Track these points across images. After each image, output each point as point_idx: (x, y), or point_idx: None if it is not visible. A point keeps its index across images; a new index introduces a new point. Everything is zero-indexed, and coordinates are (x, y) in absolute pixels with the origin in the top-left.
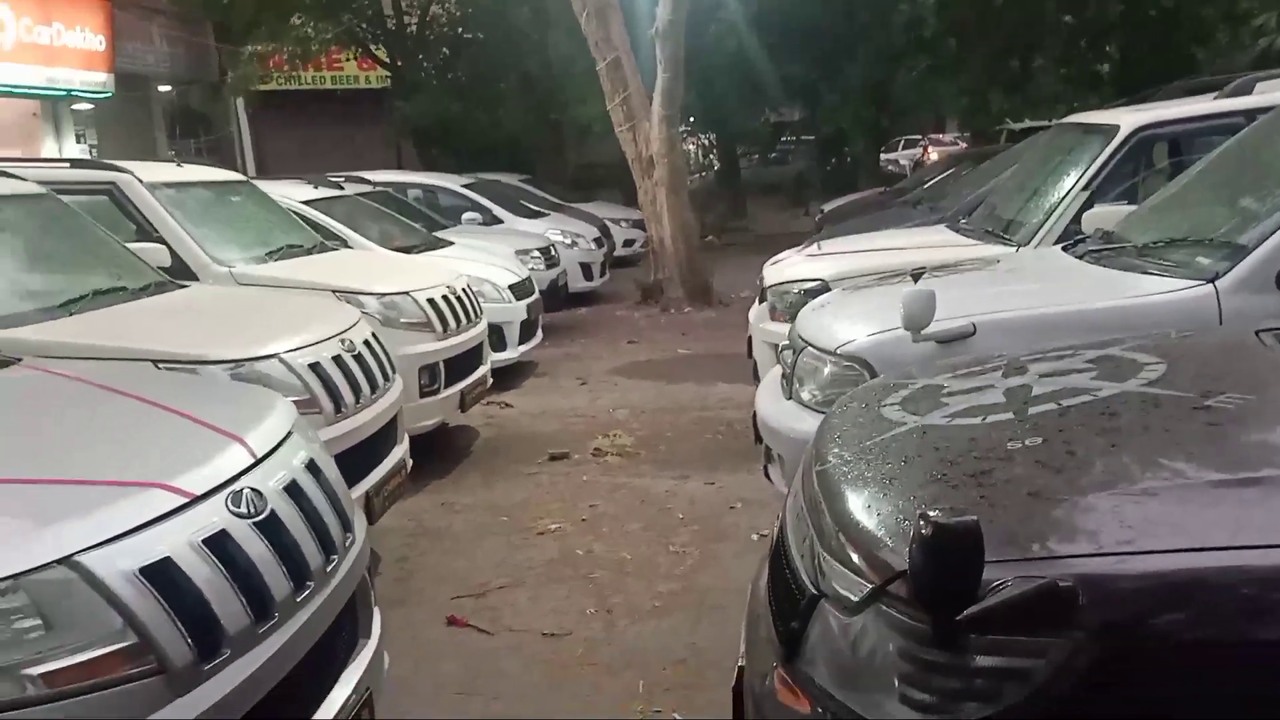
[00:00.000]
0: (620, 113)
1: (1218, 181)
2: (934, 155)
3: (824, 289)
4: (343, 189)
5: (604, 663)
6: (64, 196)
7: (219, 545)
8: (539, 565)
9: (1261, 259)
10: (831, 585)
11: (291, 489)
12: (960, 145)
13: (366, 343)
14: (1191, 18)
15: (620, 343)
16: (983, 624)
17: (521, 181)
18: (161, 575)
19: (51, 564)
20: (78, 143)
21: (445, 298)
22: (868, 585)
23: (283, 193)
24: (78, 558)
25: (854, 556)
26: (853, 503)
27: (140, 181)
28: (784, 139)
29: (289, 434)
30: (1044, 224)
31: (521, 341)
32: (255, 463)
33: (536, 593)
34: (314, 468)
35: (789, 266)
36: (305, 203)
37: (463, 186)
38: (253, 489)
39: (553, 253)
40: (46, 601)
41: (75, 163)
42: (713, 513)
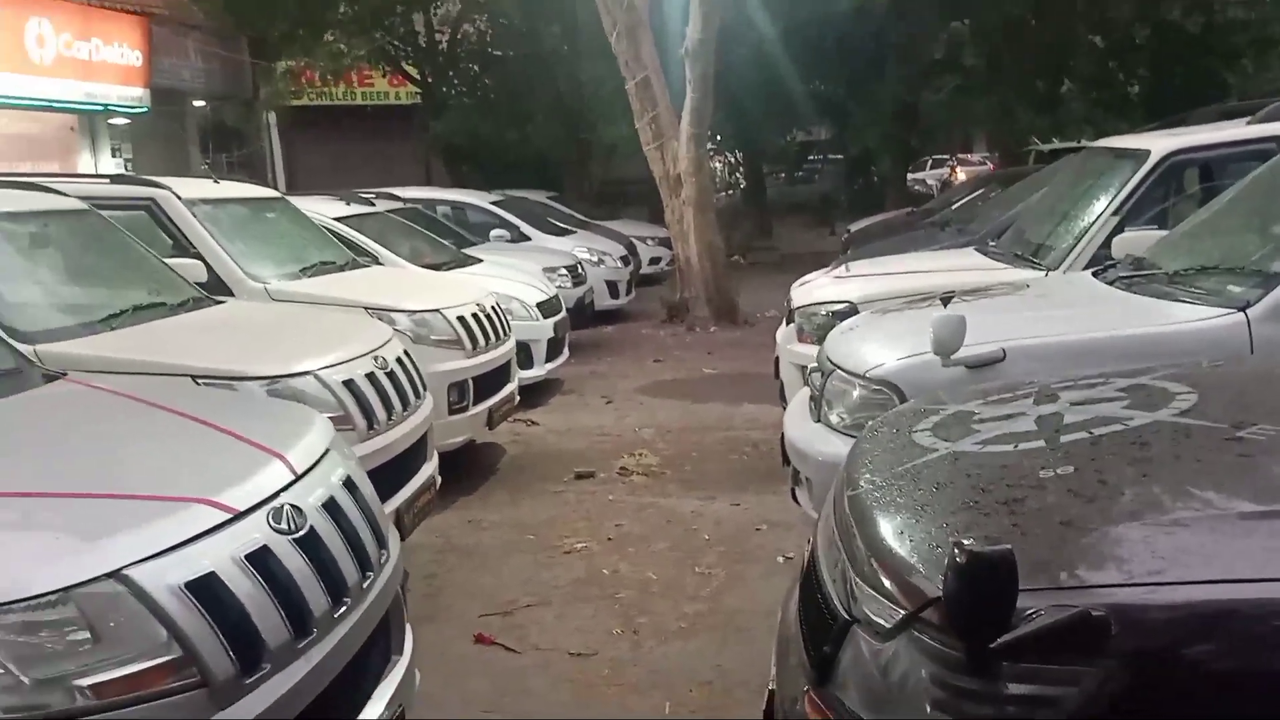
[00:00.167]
0: (649, 131)
1: (1249, 209)
2: (961, 175)
3: (852, 311)
4: (374, 205)
5: (631, 683)
6: (104, 211)
7: (260, 561)
8: (565, 584)
9: None
10: (864, 610)
11: (330, 506)
12: (988, 165)
13: (399, 360)
14: (1221, 43)
15: (646, 361)
16: (1016, 652)
17: (549, 199)
18: (205, 590)
19: (101, 577)
20: (113, 156)
21: (475, 315)
22: (900, 611)
23: (315, 209)
24: (126, 571)
25: (886, 582)
26: (885, 528)
27: (178, 198)
28: (811, 158)
29: (327, 451)
30: (1074, 248)
31: (548, 359)
32: (295, 479)
33: (563, 611)
34: (351, 485)
35: (817, 288)
36: (337, 219)
37: (491, 203)
38: (293, 505)
39: (580, 270)
40: (95, 614)
41: (115, 178)
42: (739, 534)
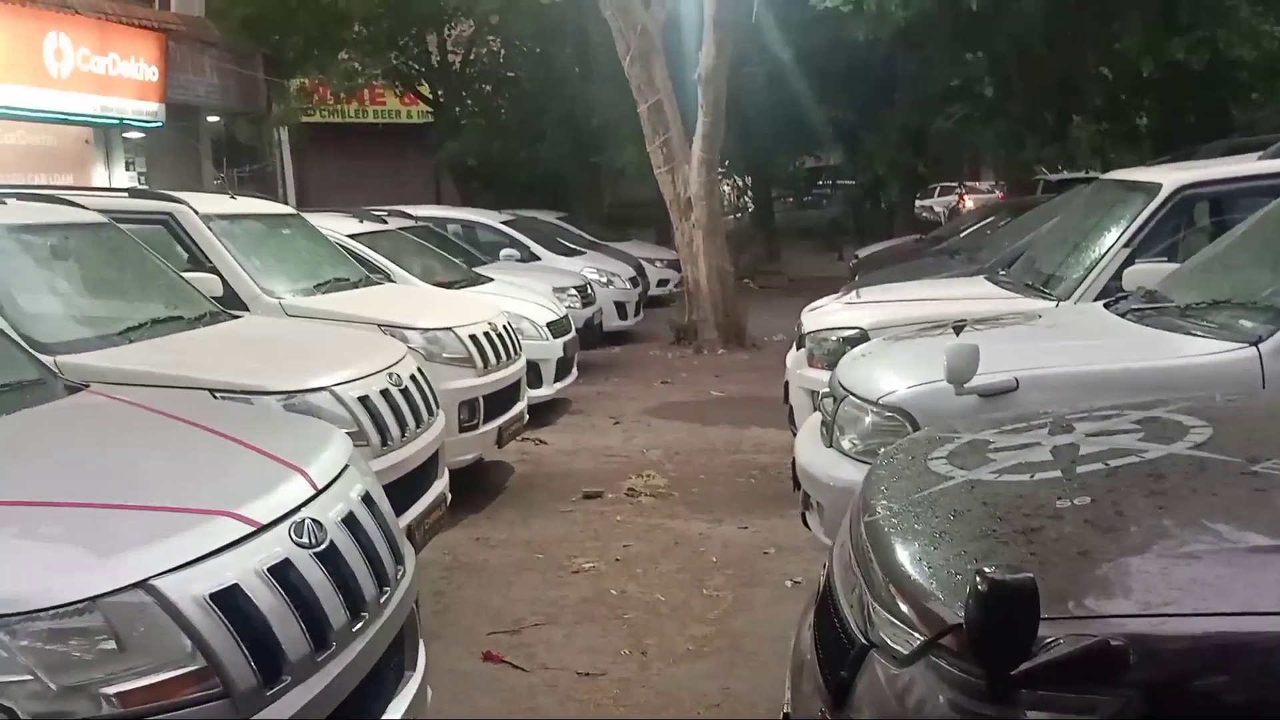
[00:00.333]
0: (660, 155)
1: (1261, 244)
2: (969, 203)
3: (863, 337)
4: (386, 223)
5: (638, 704)
6: (121, 225)
7: (282, 574)
8: (573, 604)
9: None
10: (881, 635)
11: (349, 521)
12: (996, 194)
13: (413, 377)
14: (1228, 77)
15: (654, 382)
16: (1036, 679)
17: (558, 219)
18: (229, 601)
19: (128, 587)
20: (127, 170)
21: (487, 334)
22: (919, 637)
23: (329, 226)
24: (153, 582)
25: (905, 608)
26: (903, 555)
27: (196, 212)
28: (820, 182)
29: (346, 466)
30: (1084, 279)
31: (557, 379)
32: (316, 494)
33: (571, 631)
34: (369, 500)
35: (828, 314)
36: (351, 236)
37: (502, 223)
38: (314, 520)
39: (589, 291)
40: (121, 623)
41: (134, 192)
42: (746, 557)
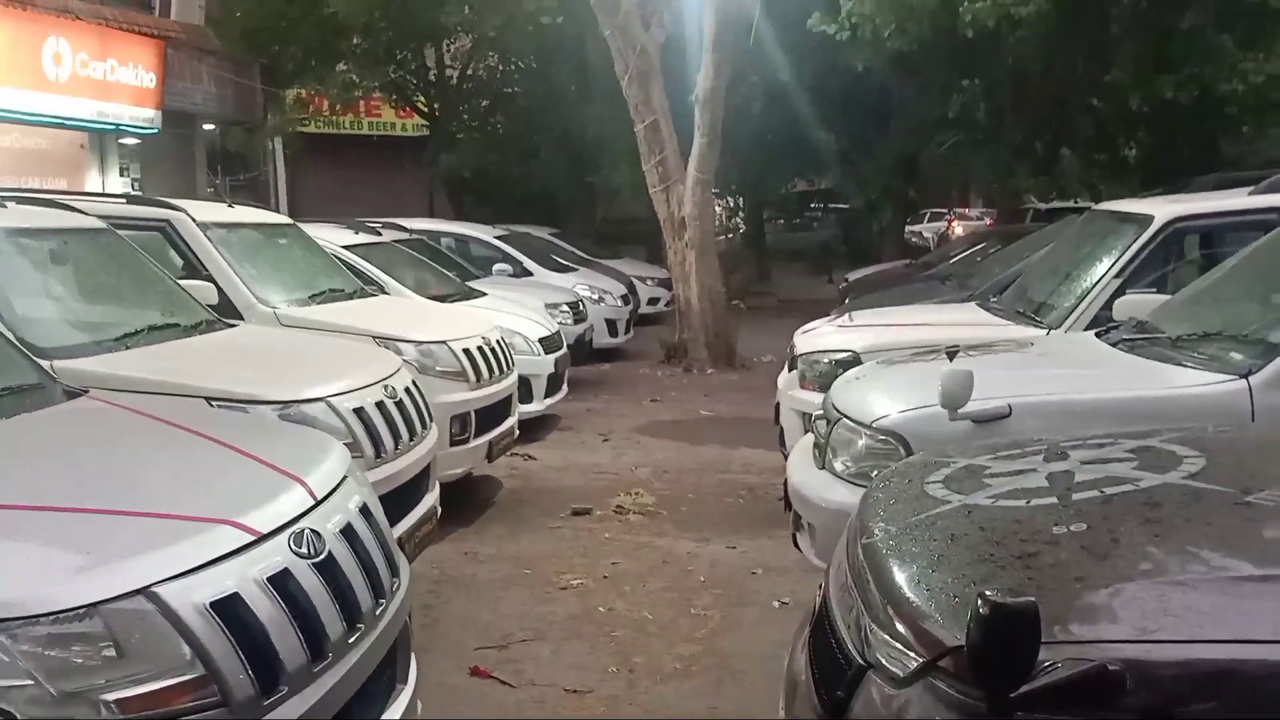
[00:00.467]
0: (655, 174)
1: (1251, 278)
2: (959, 229)
3: (855, 361)
4: (380, 235)
5: None
6: (119, 231)
7: (281, 584)
8: (561, 620)
9: None
10: (878, 657)
11: (347, 532)
12: (986, 221)
13: (408, 390)
14: (1217, 112)
15: (643, 400)
16: (1034, 703)
17: (551, 235)
18: (229, 610)
19: (130, 594)
20: (121, 175)
21: (480, 348)
22: (916, 658)
23: (324, 237)
24: (155, 589)
25: (903, 630)
26: (900, 577)
27: (193, 220)
28: (812, 205)
29: (344, 478)
30: (1075, 308)
31: (548, 395)
32: (315, 504)
33: (559, 648)
34: (366, 512)
35: (820, 336)
36: (346, 247)
37: (495, 238)
38: (313, 530)
39: (581, 308)
40: (121, 630)
41: (131, 198)
42: (734, 577)
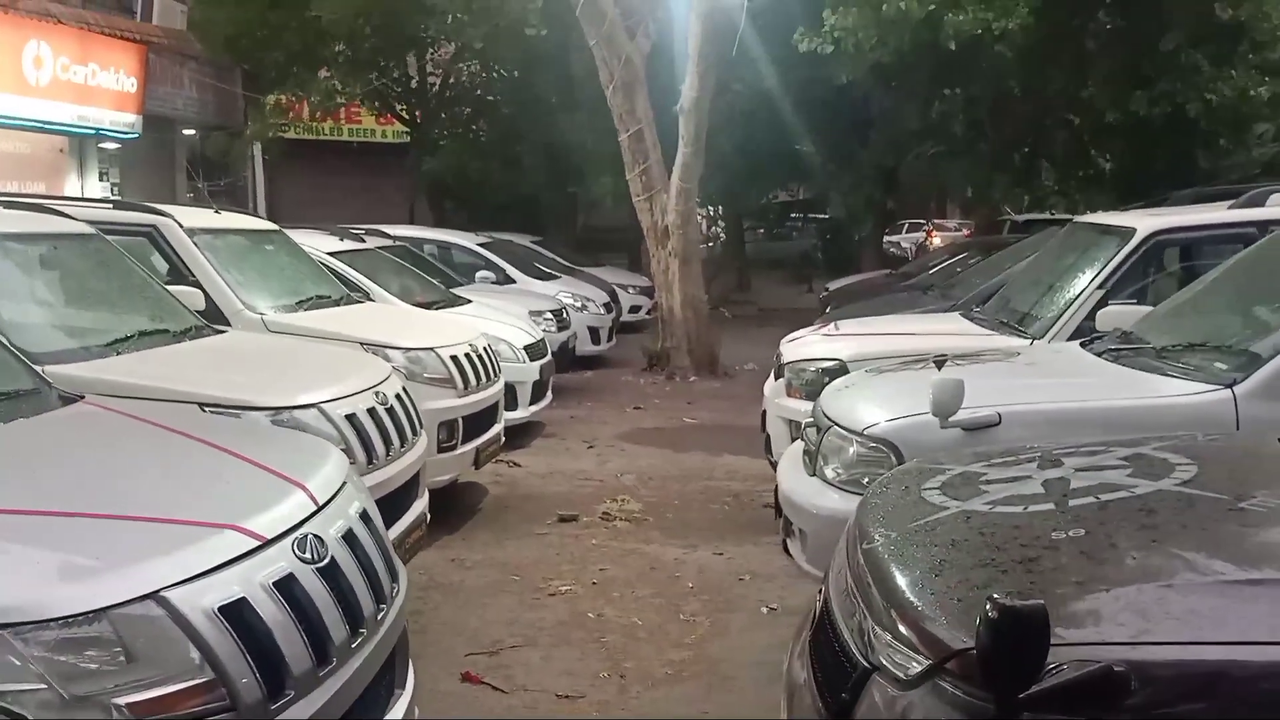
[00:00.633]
0: (639, 183)
1: (1233, 289)
2: (937, 240)
3: (842, 369)
4: (365, 242)
5: None
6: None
7: (286, 589)
8: (550, 626)
9: (1278, 368)
10: (882, 659)
11: (348, 537)
12: (964, 232)
13: (398, 396)
14: (1191, 128)
15: (626, 408)
16: (1041, 704)
17: (533, 242)
18: (236, 615)
19: (139, 599)
20: (100, 180)
21: (468, 355)
22: (922, 661)
23: (309, 243)
24: (164, 593)
25: (908, 633)
26: (904, 581)
27: (180, 226)
28: (793, 215)
29: (344, 484)
30: (1059, 319)
31: (533, 402)
32: (317, 510)
33: (549, 653)
34: (366, 517)
35: (806, 345)
36: (331, 254)
37: (477, 245)
38: (315, 535)
39: (564, 315)
40: (131, 634)
41: (118, 204)
42: (722, 583)
